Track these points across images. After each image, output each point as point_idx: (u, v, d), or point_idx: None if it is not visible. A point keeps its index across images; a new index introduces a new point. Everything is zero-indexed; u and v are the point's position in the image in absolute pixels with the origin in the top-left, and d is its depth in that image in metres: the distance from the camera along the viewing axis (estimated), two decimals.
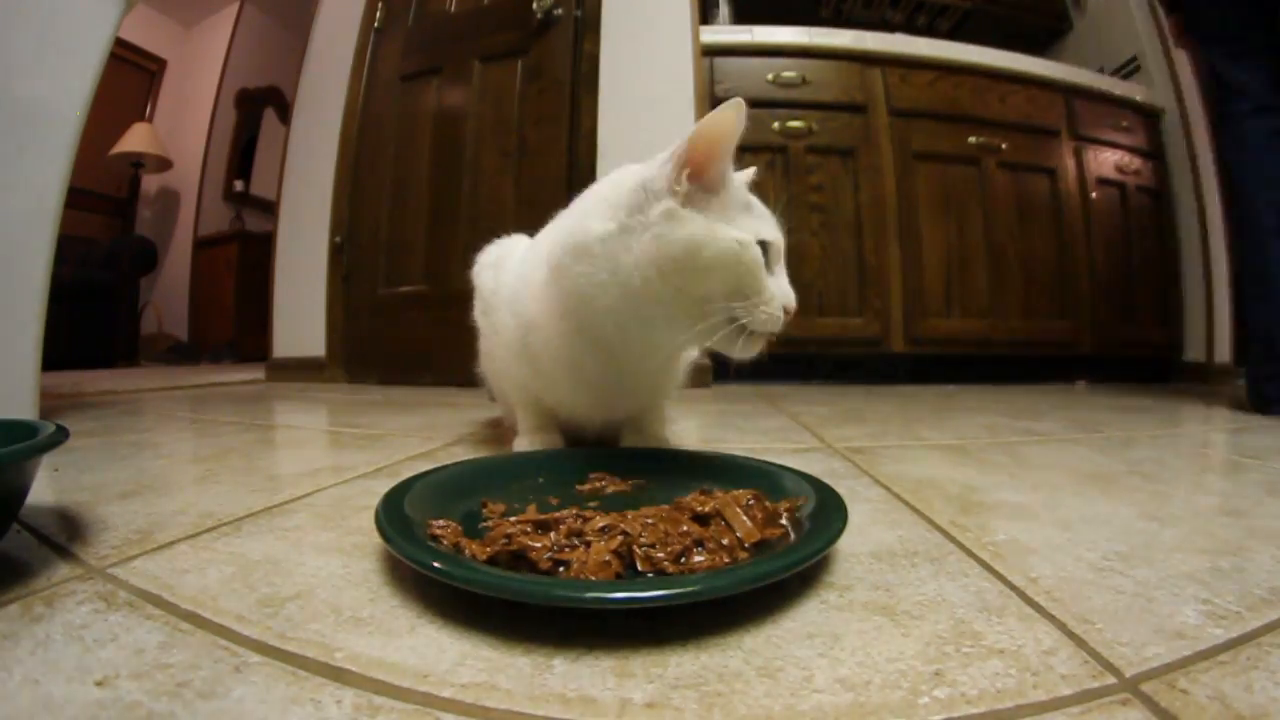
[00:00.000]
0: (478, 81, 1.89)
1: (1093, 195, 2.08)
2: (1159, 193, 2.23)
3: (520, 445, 0.69)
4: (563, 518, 0.38)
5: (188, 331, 3.81)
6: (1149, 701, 0.24)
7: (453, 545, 0.36)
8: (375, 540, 0.41)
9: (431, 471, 0.49)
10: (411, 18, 2.02)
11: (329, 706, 0.24)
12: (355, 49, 2.05)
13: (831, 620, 0.31)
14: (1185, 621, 0.31)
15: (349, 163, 2.03)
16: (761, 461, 0.53)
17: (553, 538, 0.36)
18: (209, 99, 3.86)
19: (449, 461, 0.54)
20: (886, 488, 0.60)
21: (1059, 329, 2.04)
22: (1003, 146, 1.99)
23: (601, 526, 0.36)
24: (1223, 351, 2.18)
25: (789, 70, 1.88)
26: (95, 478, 0.62)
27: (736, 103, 0.50)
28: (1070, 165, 2.07)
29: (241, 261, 3.62)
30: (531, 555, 0.34)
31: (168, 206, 3.95)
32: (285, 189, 2.13)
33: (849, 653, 0.28)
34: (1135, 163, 2.18)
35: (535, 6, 1.78)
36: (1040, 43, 2.66)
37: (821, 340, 1.86)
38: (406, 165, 1.97)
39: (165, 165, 3.75)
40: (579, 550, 0.34)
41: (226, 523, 0.48)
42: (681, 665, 0.27)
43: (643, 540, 0.35)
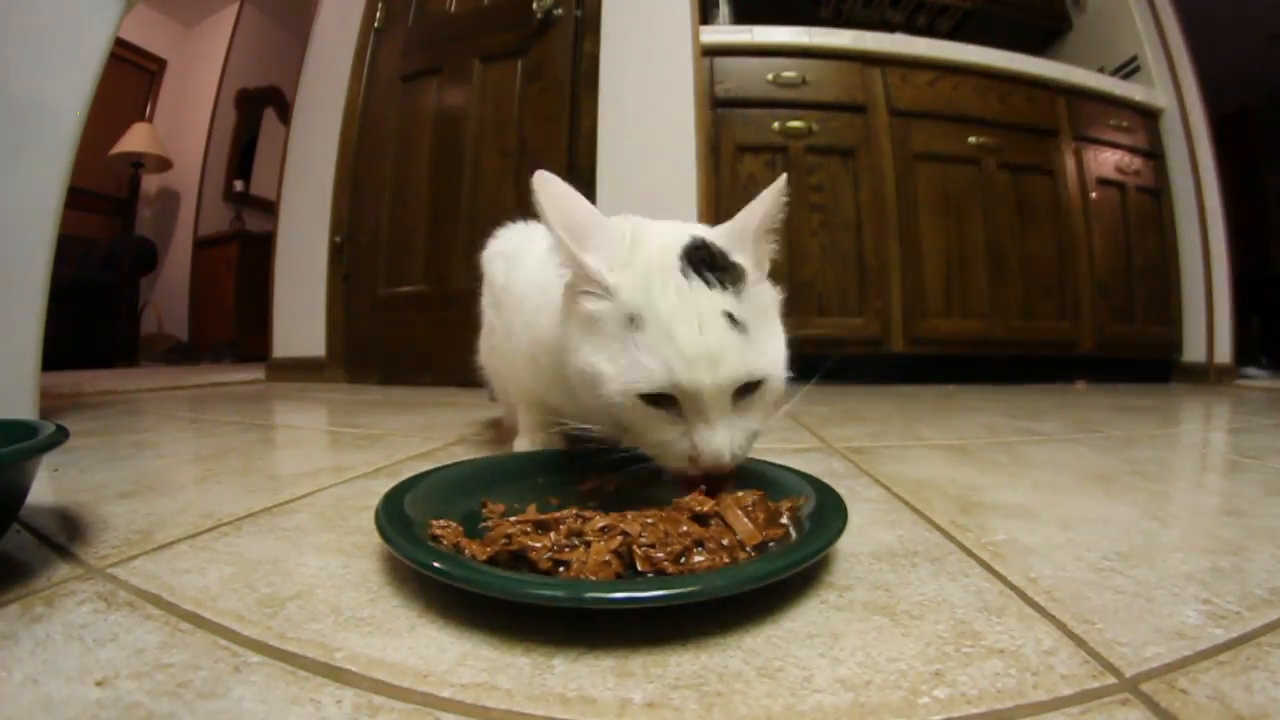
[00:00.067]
0: (478, 81, 1.89)
1: (1093, 195, 2.08)
2: (1159, 193, 2.22)
3: (520, 445, 0.69)
4: (563, 518, 0.38)
5: (188, 331, 3.81)
6: (1149, 701, 0.24)
7: (453, 545, 0.36)
8: (375, 540, 0.41)
9: (431, 471, 0.49)
10: (411, 18, 2.02)
11: (329, 706, 0.24)
12: (355, 49, 2.05)
13: (831, 620, 0.31)
14: (1185, 621, 0.31)
15: (349, 163, 2.03)
16: (761, 461, 0.53)
17: (553, 538, 0.36)
18: (209, 99, 3.86)
19: (449, 461, 0.54)
20: (886, 488, 0.60)
21: (1059, 329, 2.04)
22: (1003, 146, 1.99)
23: (601, 526, 0.36)
24: (1223, 351, 2.18)
25: (789, 70, 1.88)
26: (95, 478, 0.62)
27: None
28: (1070, 165, 2.07)
29: (241, 261, 3.62)
30: (531, 555, 0.34)
31: (168, 206, 3.95)
32: (285, 189, 2.13)
33: (849, 653, 0.28)
34: (1135, 163, 2.18)
35: (535, 6, 1.78)
36: (1040, 43, 2.66)
37: (821, 340, 1.86)
38: (406, 165, 1.97)
39: (165, 165, 3.75)
40: (579, 550, 0.34)
41: (226, 523, 0.48)
42: (681, 665, 0.27)
43: (643, 540, 0.35)
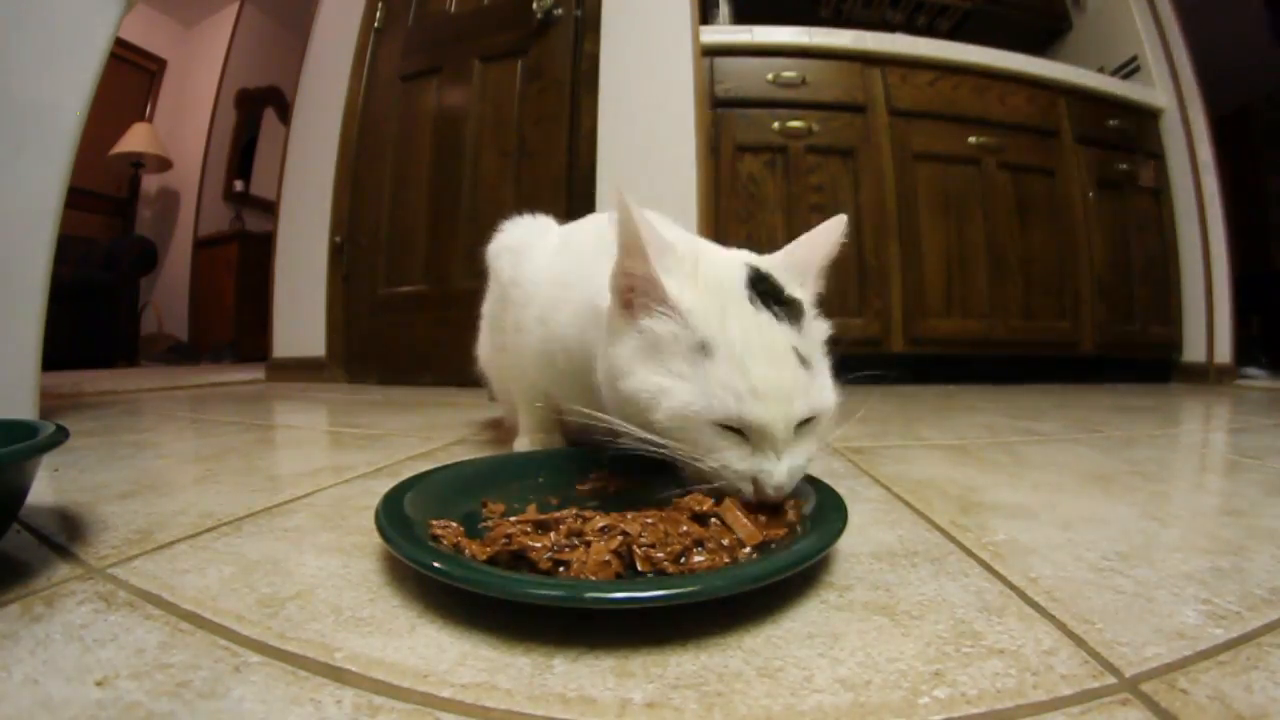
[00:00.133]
0: (478, 81, 1.89)
1: (1092, 195, 2.08)
2: (1159, 193, 2.22)
3: (520, 445, 0.69)
4: (563, 518, 0.38)
5: (188, 331, 3.81)
6: (1149, 701, 0.24)
7: (453, 545, 0.36)
8: (375, 540, 0.41)
9: (431, 471, 0.49)
10: (411, 18, 2.02)
11: (329, 706, 0.24)
12: (355, 49, 2.05)
13: (831, 620, 0.31)
14: (1185, 621, 0.31)
15: (349, 163, 2.03)
16: None
17: (553, 538, 0.36)
18: (209, 99, 3.86)
19: (449, 461, 0.54)
20: (886, 488, 0.60)
21: (1059, 329, 2.04)
22: (1003, 146, 1.99)
23: (601, 526, 0.36)
24: (1223, 351, 2.18)
25: (789, 70, 1.88)
26: (95, 478, 0.62)
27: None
28: (1070, 165, 2.07)
29: (241, 261, 3.62)
30: (531, 555, 0.34)
31: (168, 206, 3.95)
32: (285, 189, 2.13)
33: (849, 653, 0.28)
34: (1135, 163, 2.18)
35: (535, 6, 1.78)
36: (1040, 43, 2.66)
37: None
38: (406, 165, 1.97)
39: (165, 165, 3.75)
40: (579, 550, 0.34)
41: (226, 523, 0.48)
42: (681, 665, 0.27)
43: (643, 540, 0.35)
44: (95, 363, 2.81)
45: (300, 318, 2.05)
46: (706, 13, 2.00)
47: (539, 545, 0.34)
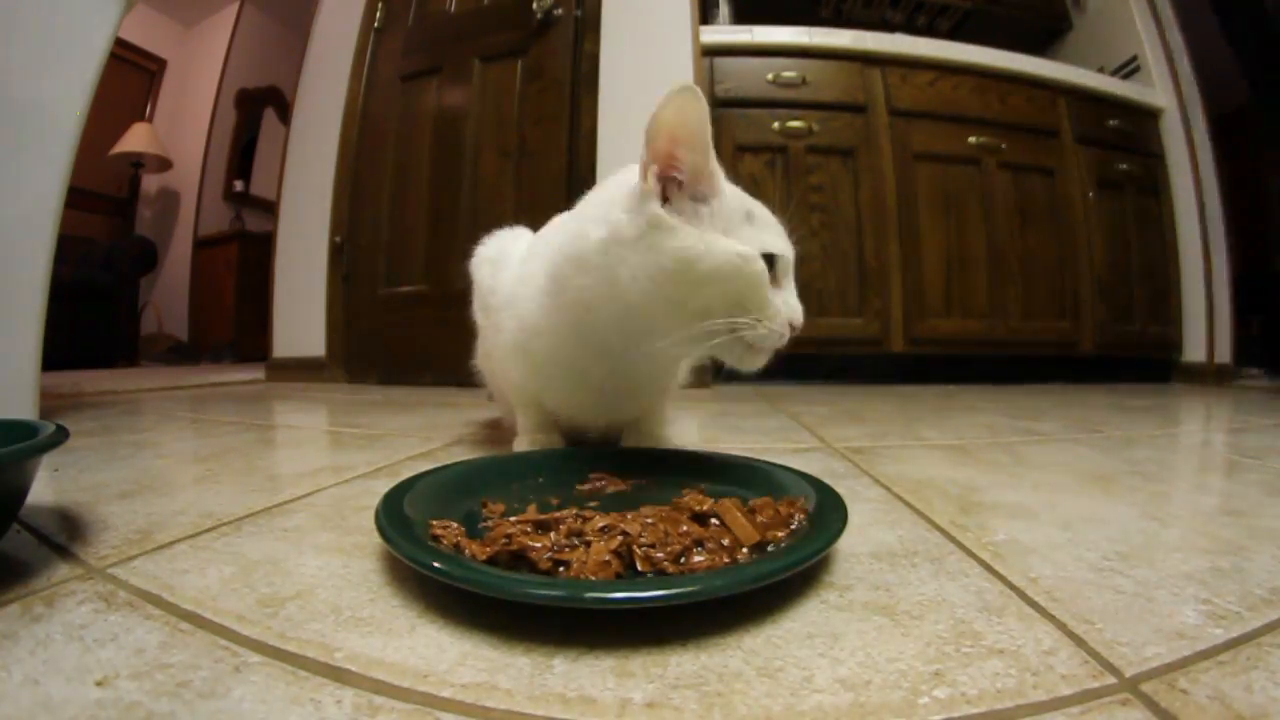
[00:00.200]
0: (478, 81, 1.89)
1: (1092, 195, 2.08)
2: (1159, 193, 2.23)
3: (520, 445, 0.69)
4: (563, 518, 0.38)
5: (188, 331, 3.81)
6: (1149, 701, 0.24)
7: (453, 545, 0.36)
8: (375, 540, 0.41)
9: (431, 471, 0.49)
10: (411, 18, 2.02)
11: (329, 706, 0.24)
12: (355, 49, 2.05)
13: (831, 620, 0.31)
14: (1185, 621, 0.31)
15: (349, 163, 2.03)
16: (761, 461, 0.53)
17: (553, 538, 0.36)
18: (209, 99, 3.86)
19: (449, 461, 0.54)
20: (886, 488, 0.60)
21: (1059, 329, 2.04)
22: (1003, 146, 1.99)
23: (601, 526, 0.36)
24: (1223, 351, 2.18)
25: (789, 70, 1.88)
26: (95, 478, 0.62)
27: (686, 87, 0.48)
28: (1070, 165, 2.07)
29: (241, 261, 3.62)
30: (531, 555, 0.34)
31: (168, 206, 3.95)
32: (285, 189, 2.13)
33: (849, 653, 0.28)
34: (1135, 163, 2.18)
35: (535, 6, 1.78)
36: (1040, 43, 2.66)
37: (821, 340, 1.86)
38: (406, 165, 1.97)
39: (165, 165, 3.75)
40: (579, 550, 0.34)
41: (226, 523, 0.48)
42: (681, 665, 0.27)
43: (643, 540, 0.35)
44: (95, 363, 2.81)
45: (300, 318, 2.05)
46: (706, 13, 2.00)
47: (539, 545, 0.34)
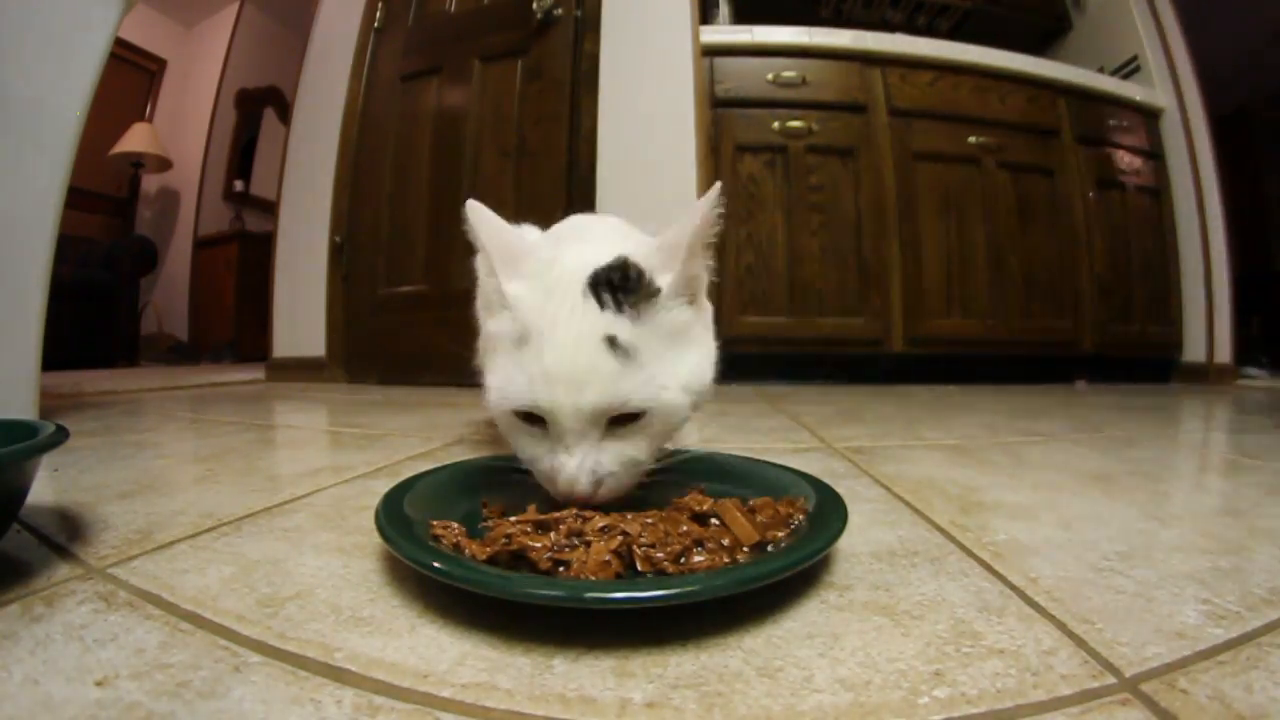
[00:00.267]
0: (478, 81, 1.89)
1: (1092, 195, 2.08)
2: (1159, 193, 2.23)
3: None
4: (562, 518, 0.38)
5: (188, 331, 3.81)
6: (1149, 701, 0.24)
7: (452, 545, 0.36)
8: (375, 540, 0.41)
9: (431, 471, 0.49)
10: (411, 18, 2.02)
11: (329, 706, 0.24)
12: (355, 49, 2.05)
13: (831, 620, 0.31)
14: (1185, 621, 0.31)
15: (349, 163, 2.03)
16: (761, 461, 0.53)
17: (552, 538, 0.36)
18: (209, 99, 3.86)
19: (449, 461, 0.54)
20: (886, 488, 0.60)
21: (1059, 329, 2.04)
22: (1003, 146, 1.99)
23: (601, 526, 0.36)
24: (1223, 351, 2.18)
25: (789, 70, 1.88)
26: (95, 478, 0.62)
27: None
28: (1070, 165, 2.07)
29: (241, 261, 3.62)
30: (531, 555, 0.34)
31: (168, 206, 3.95)
32: (285, 189, 2.13)
33: (849, 653, 0.28)
34: (1135, 163, 2.18)
35: (535, 6, 1.78)
36: (1040, 43, 2.66)
37: (821, 340, 1.86)
38: (406, 165, 1.97)
39: (165, 165, 3.75)
40: (579, 550, 0.34)
41: (226, 523, 0.48)
42: (681, 665, 0.27)
43: (643, 540, 0.35)
44: (95, 363, 2.81)
45: (300, 318, 2.05)
46: (706, 13, 2.00)
47: (539, 545, 0.34)
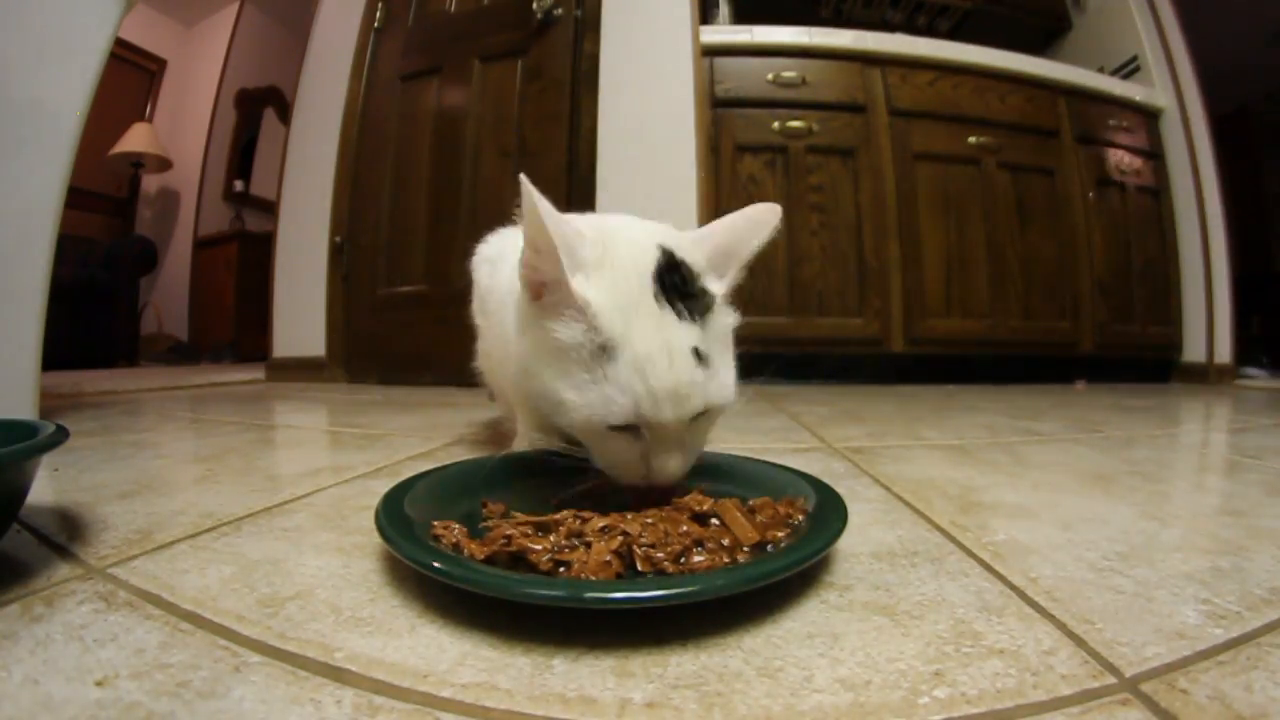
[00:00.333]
0: (477, 81, 1.89)
1: (1092, 195, 2.08)
2: (1159, 193, 2.22)
3: (519, 445, 0.69)
4: (563, 518, 0.38)
5: (188, 331, 3.81)
6: (1149, 701, 0.24)
7: (452, 545, 0.36)
8: (375, 540, 0.41)
9: (431, 471, 0.49)
10: (411, 18, 2.02)
11: (329, 706, 0.24)
12: (355, 49, 2.05)
13: (831, 620, 0.31)
14: (1185, 621, 0.31)
15: (349, 163, 2.03)
16: (760, 461, 0.53)
17: (552, 539, 0.36)
18: (209, 99, 3.86)
19: (449, 461, 0.54)
20: (886, 488, 0.60)
21: (1059, 329, 2.04)
22: (1003, 146, 1.99)
23: (601, 527, 0.36)
24: (1223, 351, 2.18)
25: (789, 70, 1.88)
26: (95, 478, 0.62)
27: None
28: (1070, 165, 2.07)
29: (241, 261, 3.62)
30: (531, 556, 0.34)
31: (168, 206, 3.95)
32: (285, 189, 2.13)
33: (849, 653, 0.28)
34: (1135, 163, 2.18)
35: (535, 6, 1.78)
36: (1040, 43, 2.66)
37: (821, 340, 1.86)
38: (406, 165, 1.97)
39: (165, 165, 3.75)
40: (579, 550, 0.34)
41: (226, 523, 0.48)
42: (681, 665, 0.27)
43: (643, 540, 0.35)
44: (95, 363, 2.81)
45: (300, 318, 2.05)
46: (706, 13, 2.00)
47: (539, 546, 0.34)
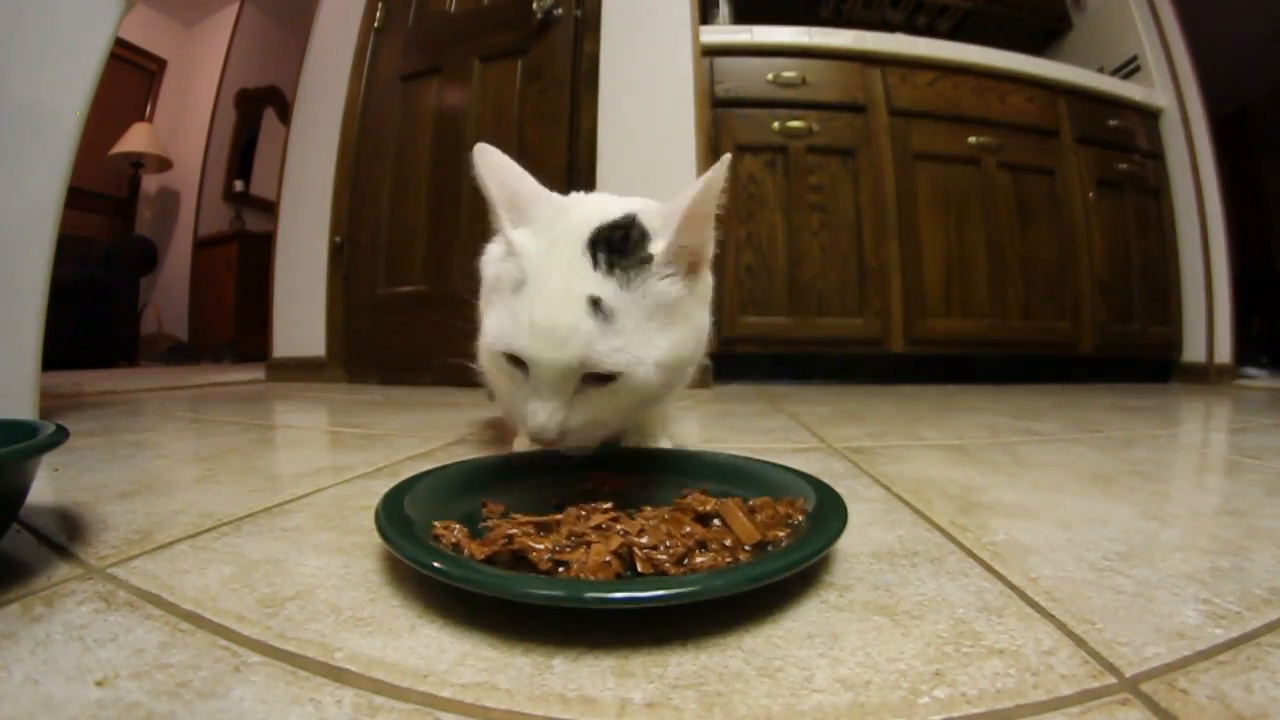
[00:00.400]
0: (477, 81, 1.89)
1: (1092, 195, 2.08)
2: (1159, 193, 2.23)
3: (520, 445, 0.69)
4: (563, 518, 0.38)
5: (188, 331, 3.81)
6: (1149, 701, 0.24)
7: (452, 545, 0.36)
8: (375, 540, 0.41)
9: (431, 471, 0.49)
10: (411, 18, 2.02)
11: (329, 706, 0.24)
12: (355, 49, 2.05)
13: (831, 620, 0.31)
14: (1185, 621, 0.31)
15: (349, 163, 2.03)
16: (761, 461, 0.53)
17: (553, 538, 0.36)
18: (209, 99, 3.86)
19: (449, 461, 0.54)
20: (886, 488, 0.60)
21: (1059, 329, 2.04)
22: (1003, 146, 1.99)
23: (602, 526, 0.36)
24: (1223, 351, 2.18)
25: (789, 70, 1.88)
26: (95, 478, 0.62)
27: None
28: (1070, 165, 2.07)
29: (241, 261, 3.62)
30: (532, 556, 0.34)
31: (168, 206, 3.95)
32: (285, 189, 2.13)
33: (849, 653, 0.28)
34: (1135, 163, 2.18)
35: (535, 6, 1.78)
36: (1040, 43, 2.66)
37: (821, 340, 1.86)
38: (406, 165, 1.97)
39: (165, 165, 3.75)
40: (579, 550, 0.34)
41: (226, 523, 0.48)
42: (681, 665, 0.27)
43: (643, 541, 0.35)
44: (95, 363, 2.81)
45: (300, 318, 2.05)
46: (706, 13, 2.00)
47: (540, 546, 0.34)
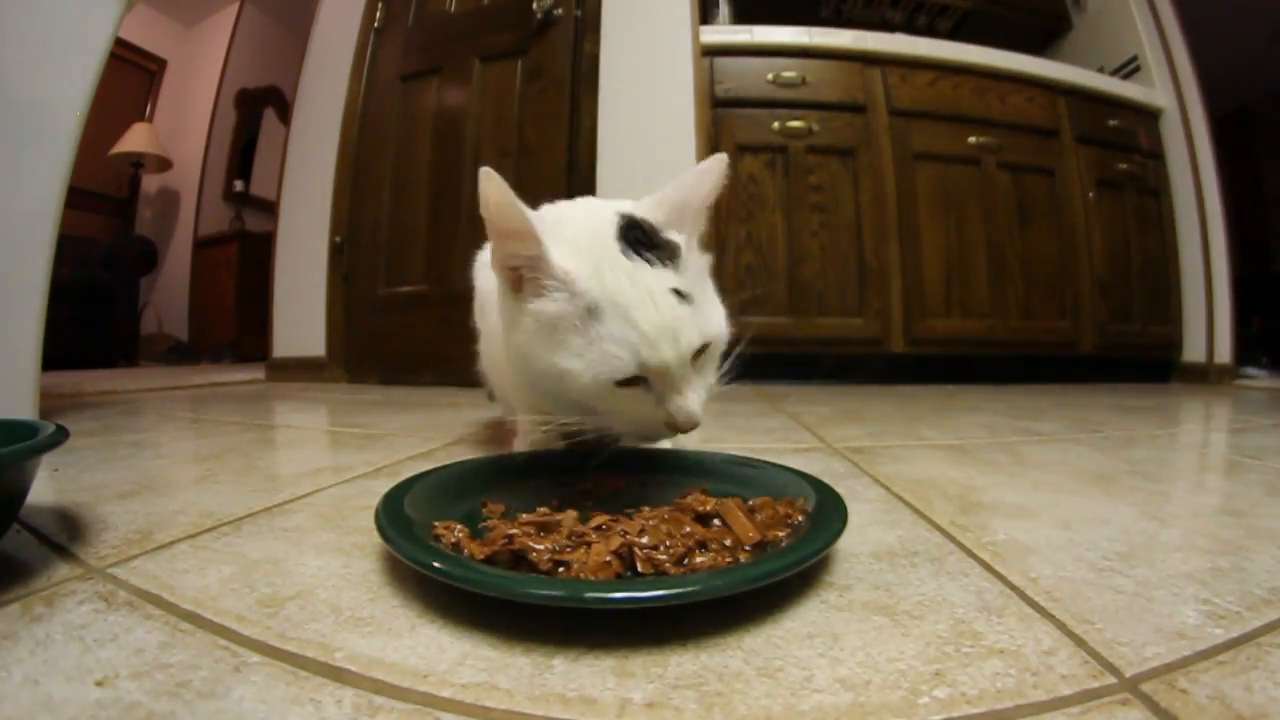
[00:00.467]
0: (477, 81, 1.89)
1: (1092, 195, 2.08)
2: (1159, 192, 2.22)
3: (520, 445, 0.69)
4: (563, 518, 0.38)
5: (188, 331, 3.81)
6: (1149, 701, 0.24)
7: (452, 545, 0.36)
8: (375, 540, 0.41)
9: (432, 471, 0.49)
10: (411, 18, 2.02)
11: (329, 706, 0.24)
12: (355, 49, 2.05)
13: (831, 620, 0.31)
14: (1185, 621, 0.31)
15: (349, 163, 2.03)
16: (760, 461, 0.53)
17: (553, 539, 0.36)
18: (209, 99, 3.86)
19: (449, 461, 0.54)
20: (886, 487, 0.60)
21: (1059, 329, 2.04)
22: (1003, 146, 1.99)
23: (602, 526, 0.36)
24: (1223, 351, 2.18)
25: (789, 70, 1.88)
26: (95, 478, 0.62)
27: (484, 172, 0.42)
28: (1070, 165, 2.07)
29: (241, 261, 3.62)
30: (532, 556, 0.34)
31: (168, 206, 3.95)
32: (285, 189, 2.13)
33: (849, 653, 0.28)
34: (1135, 163, 2.18)
35: (535, 6, 1.78)
36: (1040, 43, 2.66)
37: (821, 340, 1.86)
38: (406, 165, 1.97)
39: (165, 165, 3.75)
40: (579, 550, 0.34)
41: (226, 523, 0.48)
42: (681, 665, 0.27)
43: (644, 541, 0.35)
44: (95, 363, 2.81)
45: (300, 318, 2.05)
46: (706, 13, 2.00)
47: (540, 546, 0.34)
